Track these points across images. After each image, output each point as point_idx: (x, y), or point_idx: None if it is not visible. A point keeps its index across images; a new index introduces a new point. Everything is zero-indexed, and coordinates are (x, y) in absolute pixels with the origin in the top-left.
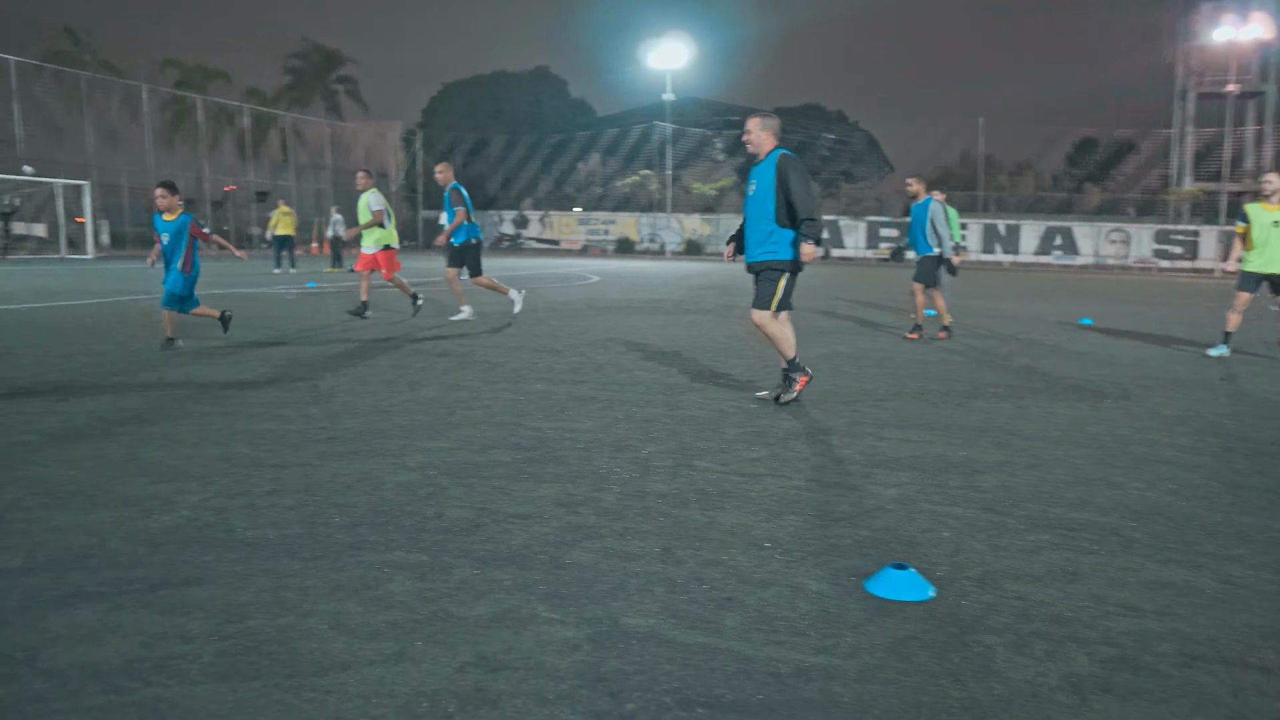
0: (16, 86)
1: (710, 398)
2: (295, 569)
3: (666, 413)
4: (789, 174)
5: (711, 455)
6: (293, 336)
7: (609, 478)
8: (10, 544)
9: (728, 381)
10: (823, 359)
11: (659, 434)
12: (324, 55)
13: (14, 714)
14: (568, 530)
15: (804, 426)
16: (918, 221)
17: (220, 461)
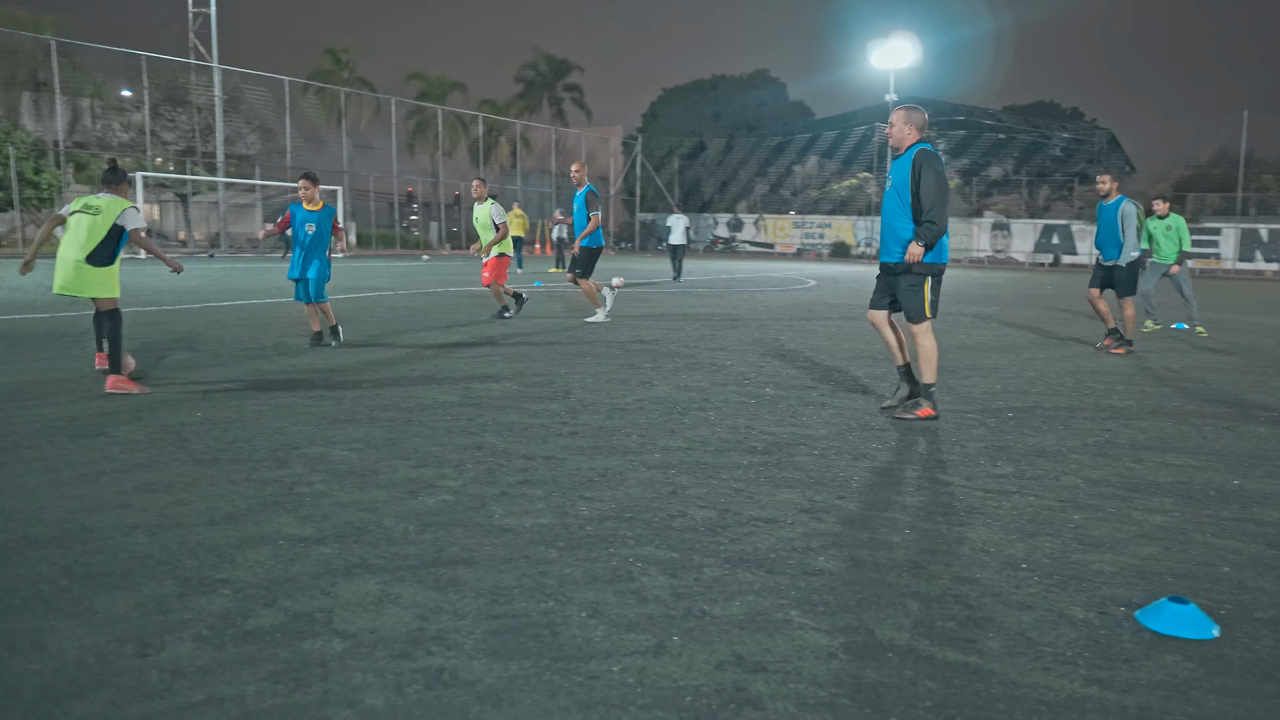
0: (289, 103)
1: (944, 409)
2: (552, 557)
3: (899, 423)
4: (923, 170)
5: (954, 468)
6: (526, 333)
7: (849, 485)
8: (303, 514)
9: (962, 392)
10: (1067, 374)
11: (895, 444)
12: (553, 65)
13: (318, 668)
14: (813, 537)
15: (1051, 443)
16: (1107, 224)
17: (473, 450)
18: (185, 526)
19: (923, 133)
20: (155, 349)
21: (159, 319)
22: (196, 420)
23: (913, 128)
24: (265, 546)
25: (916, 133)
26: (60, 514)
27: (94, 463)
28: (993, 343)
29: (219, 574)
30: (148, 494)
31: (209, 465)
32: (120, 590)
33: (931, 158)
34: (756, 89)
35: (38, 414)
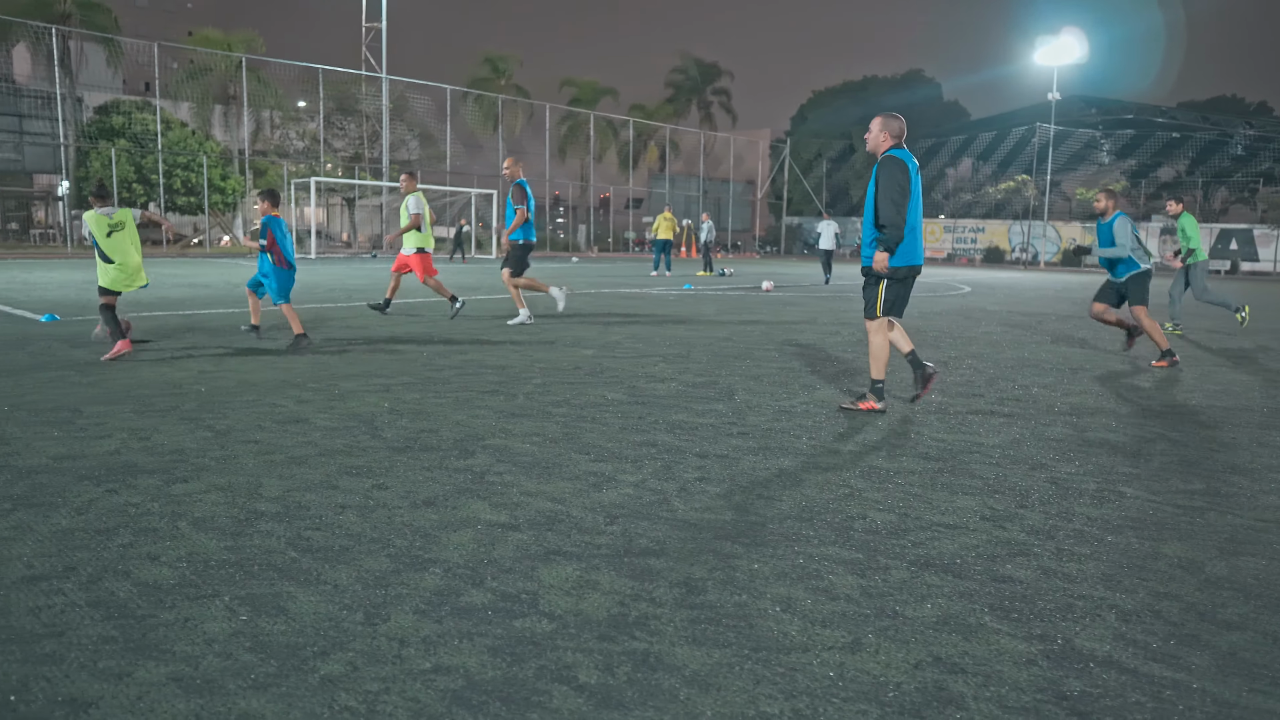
0: (449, 110)
1: (1120, 421)
2: (739, 552)
3: (1075, 434)
4: (880, 175)
5: (1138, 482)
6: (683, 337)
7: (1029, 495)
8: (496, 502)
9: (1139, 405)
10: (1255, 387)
11: (1072, 454)
12: (702, 69)
13: (530, 645)
14: (997, 544)
15: (1245, 460)
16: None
17: (647, 447)
18: (390, 508)
19: (897, 140)
20: (336, 343)
21: (336, 315)
22: (384, 411)
23: (887, 134)
24: (466, 530)
25: (891, 140)
26: (279, 492)
27: (299, 447)
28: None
29: (427, 554)
30: (352, 477)
31: (402, 453)
32: (341, 564)
33: (892, 163)
34: (909, 89)
35: (245, 400)
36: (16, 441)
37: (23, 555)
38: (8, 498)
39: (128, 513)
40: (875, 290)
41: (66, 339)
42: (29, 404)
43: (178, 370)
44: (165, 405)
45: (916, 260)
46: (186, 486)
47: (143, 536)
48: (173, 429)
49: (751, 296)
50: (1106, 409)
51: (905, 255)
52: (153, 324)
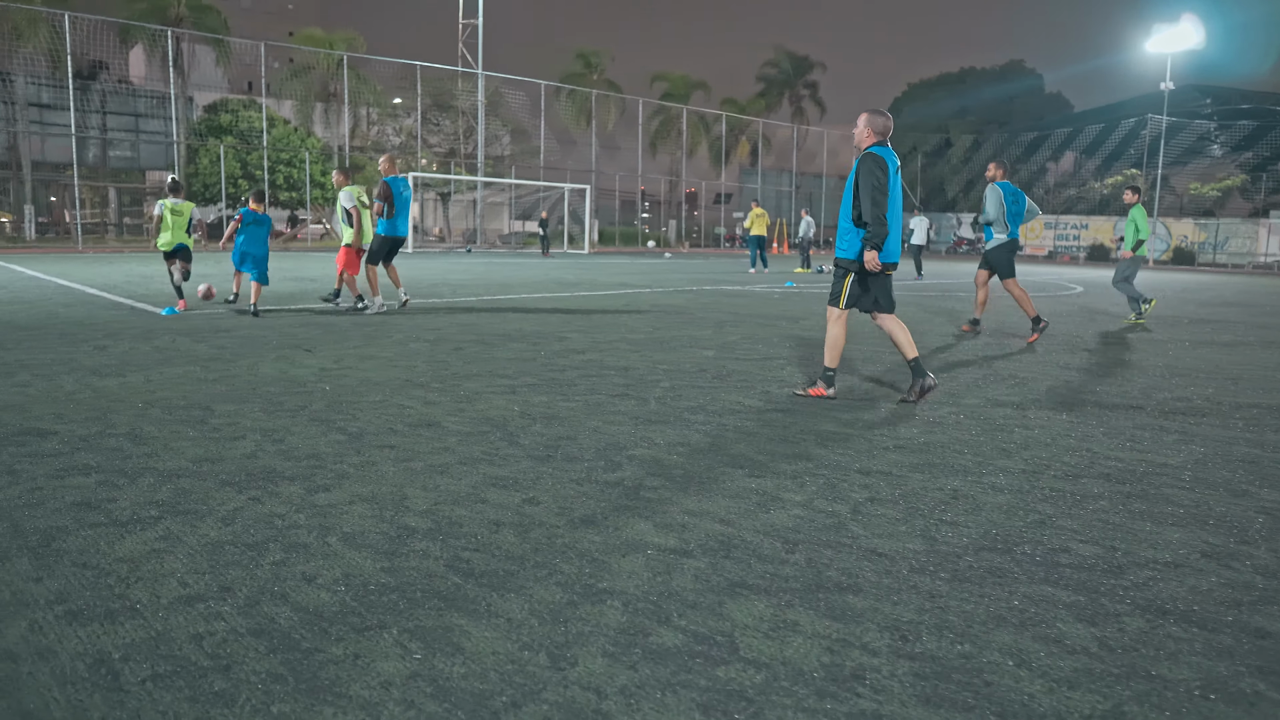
0: (543, 105)
1: None
2: (941, 589)
3: (1263, 454)
4: (859, 173)
5: None
6: (799, 334)
7: (1247, 529)
8: (659, 522)
9: None
10: None
11: (1271, 479)
12: (795, 62)
13: (743, 701)
14: (1235, 588)
15: None
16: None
17: (801, 460)
18: (547, 526)
19: (881, 137)
20: (450, 341)
21: (443, 309)
22: (516, 415)
23: (871, 131)
24: (635, 555)
25: (874, 136)
26: (426, 505)
27: (437, 454)
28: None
29: (601, 583)
30: (499, 489)
31: (545, 463)
32: (509, 592)
33: (871, 160)
34: (1008, 81)
35: (372, 401)
36: (155, 441)
37: (176, 571)
38: (154, 503)
39: (275, 525)
40: (842, 282)
41: (188, 333)
42: (162, 401)
43: (297, 367)
44: (293, 405)
45: (893, 258)
46: (329, 496)
47: (294, 553)
48: (305, 430)
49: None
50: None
51: (883, 252)
52: (267, 320)
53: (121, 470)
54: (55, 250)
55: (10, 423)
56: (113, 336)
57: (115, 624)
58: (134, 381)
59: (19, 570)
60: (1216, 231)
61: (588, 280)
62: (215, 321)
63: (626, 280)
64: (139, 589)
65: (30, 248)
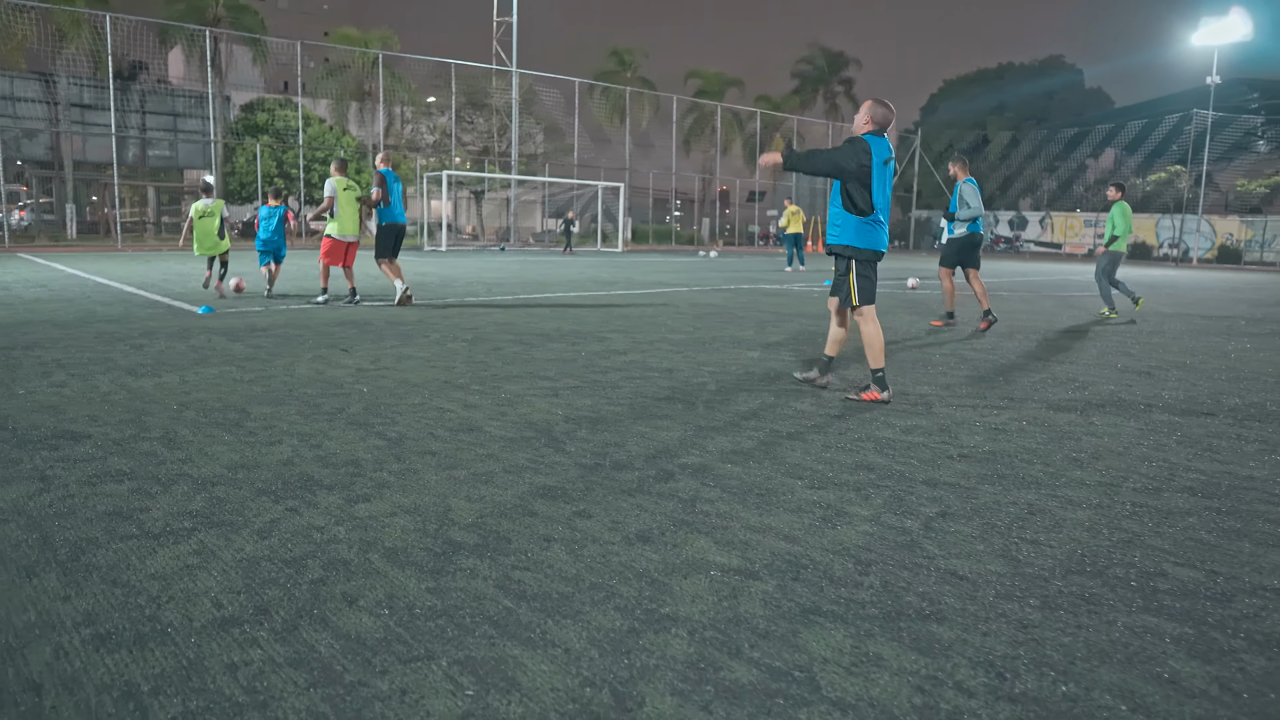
0: (577, 103)
1: None
2: (1032, 618)
3: None
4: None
5: None
6: None
7: None
8: (720, 539)
9: None
10: None
11: None
12: (829, 59)
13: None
14: None
15: None
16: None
17: (863, 470)
18: (601, 543)
19: (879, 128)
20: (489, 341)
21: (480, 308)
22: (560, 419)
23: (870, 119)
24: (697, 577)
25: (871, 125)
26: (472, 518)
27: (481, 461)
28: None
29: (663, 607)
30: (548, 500)
31: (594, 472)
32: (565, 618)
33: (856, 141)
34: (1047, 77)
35: (411, 404)
36: (190, 446)
37: (210, 589)
38: (188, 514)
39: (313, 538)
40: (847, 281)
41: (224, 332)
42: (196, 403)
43: (333, 368)
44: (330, 408)
45: (881, 246)
46: (370, 507)
47: (334, 570)
48: (343, 435)
49: (899, 294)
50: None
51: (871, 240)
52: (296, 316)
53: (155, 477)
54: (95, 249)
55: (45, 425)
56: (149, 335)
57: (145, 650)
58: (169, 382)
59: (47, 587)
60: (1264, 229)
61: (624, 279)
62: (250, 320)
63: (663, 279)
64: (171, 610)
65: (71, 246)
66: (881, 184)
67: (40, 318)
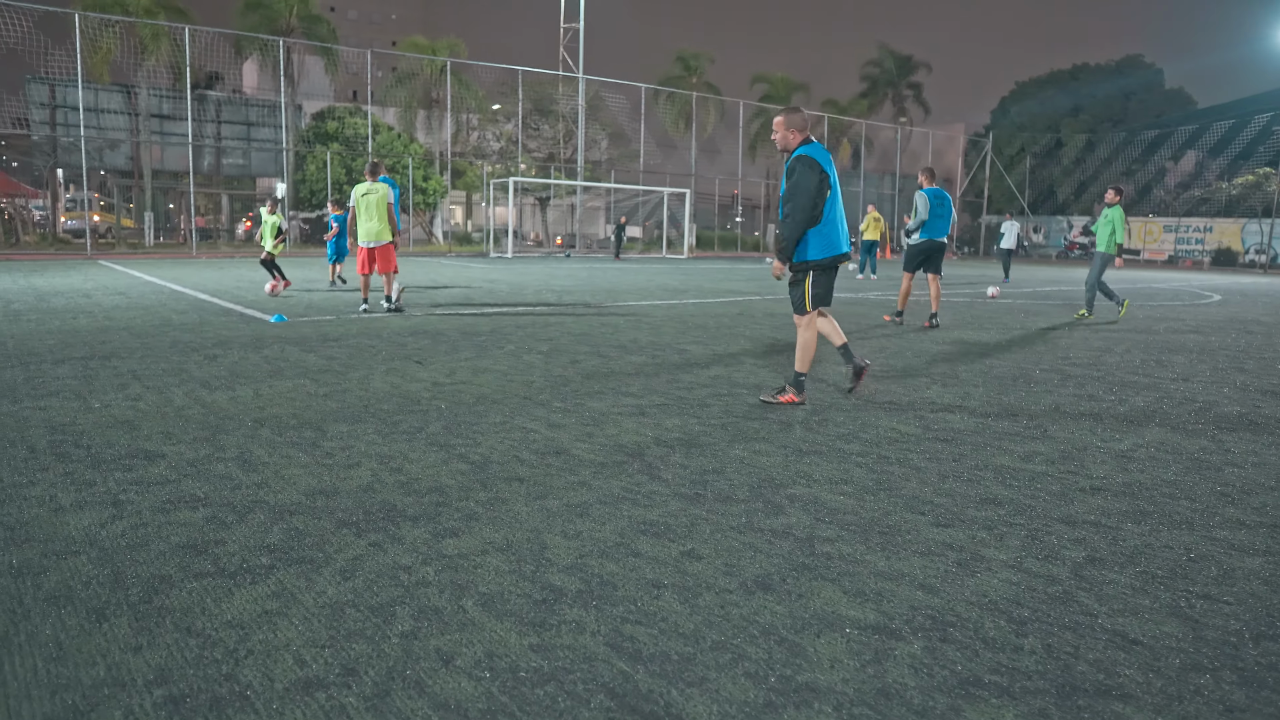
0: (643, 109)
1: None
2: (1235, 699)
3: None
4: (794, 178)
5: None
6: (934, 351)
7: None
8: (849, 588)
9: None
10: None
11: None
12: (897, 61)
13: None
14: None
15: None
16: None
17: (990, 505)
18: (715, 591)
19: (805, 132)
20: (566, 353)
21: (551, 316)
22: (650, 441)
23: (794, 131)
24: (833, 636)
25: (800, 134)
26: (571, 558)
27: (573, 490)
28: None
29: (800, 675)
30: (650, 538)
31: (695, 503)
32: (690, 686)
33: (801, 161)
34: (1125, 77)
35: (492, 423)
36: (265, 468)
37: (292, 642)
38: (265, 548)
39: (401, 580)
40: (803, 287)
41: (297, 342)
42: (272, 419)
43: (409, 381)
44: (409, 426)
45: (840, 250)
46: (459, 543)
47: (426, 620)
48: (424, 458)
49: (979, 303)
50: None
51: (829, 246)
52: (368, 325)
53: (230, 504)
54: (171, 255)
55: (120, 442)
56: (223, 345)
57: (223, 719)
58: (243, 396)
59: (118, 636)
60: None
61: (694, 286)
62: (323, 329)
63: (733, 286)
64: (250, 667)
65: (149, 253)
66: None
67: (119, 325)
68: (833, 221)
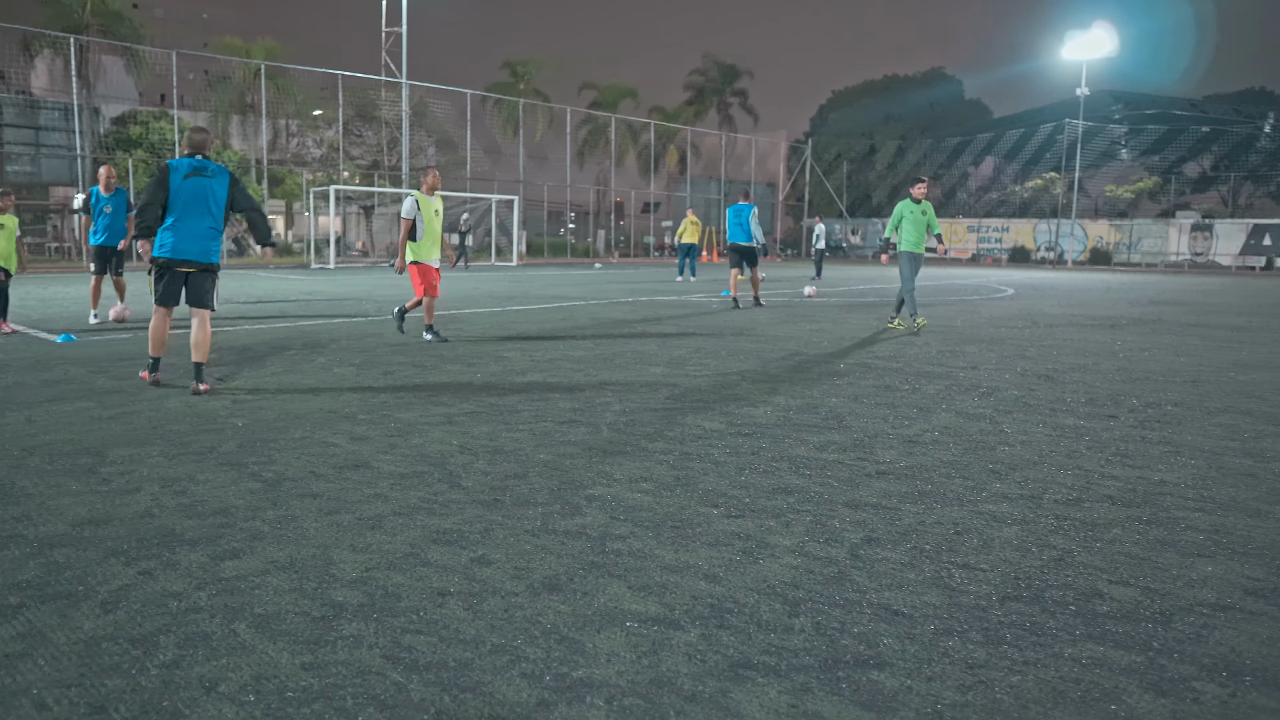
0: (469, 115)
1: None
2: (978, 656)
3: (1257, 465)
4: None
5: None
6: (749, 348)
7: (1278, 554)
8: (635, 583)
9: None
10: None
11: (1275, 496)
12: (722, 70)
13: None
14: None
15: None
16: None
17: (781, 494)
18: (504, 595)
19: (192, 150)
20: (380, 365)
21: (372, 329)
22: (456, 450)
23: (186, 144)
24: (613, 631)
25: (185, 148)
26: (356, 572)
27: (369, 503)
28: None
29: (576, 671)
30: (442, 546)
31: (493, 509)
32: (465, 692)
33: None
34: (930, 88)
35: (292, 438)
36: (29, 500)
37: (32, 685)
38: (16, 586)
39: (169, 608)
40: (160, 281)
41: (85, 362)
42: (44, 447)
43: (209, 400)
44: (201, 446)
45: (184, 256)
46: (239, 564)
47: (192, 647)
48: (213, 478)
49: (797, 302)
50: (1265, 431)
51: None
52: (173, 341)
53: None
54: None
55: None
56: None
57: None
58: (13, 423)
59: None
60: (1131, 232)
61: (521, 294)
62: (117, 348)
63: (561, 293)
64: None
65: None
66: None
67: None
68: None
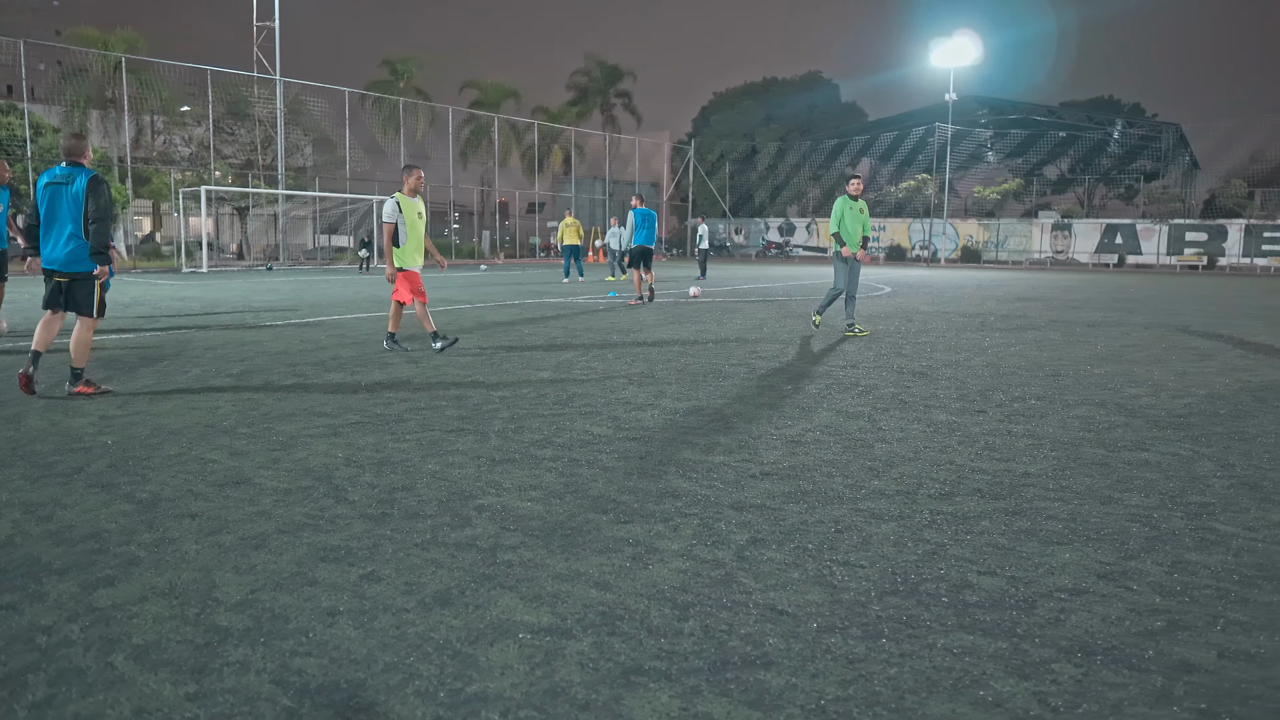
0: (348, 114)
1: (1136, 432)
2: (857, 651)
3: (1108, 454)
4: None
5: (1223, 514)
6: (636, 352)
7: (1126, 541)
8: (526, 594)
9: (1144, 414)
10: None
11: (1127, 484)
12: (606, 71)
13: None
14: (1145, 614)
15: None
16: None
17: (669, 498)
18: (395, 612)
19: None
20: (259, 374)
21: (252, 338)
22: (340, 463)
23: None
24: (506, 643)
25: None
26: (242, 595)
27: (251, 521)
28: (1168, 354)
29: (470, 686)
30: (330, 564)
31: (381, 523)
32: (358, 713)
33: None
34: (809, 91)
35: (167, 455)
36: None
37: None
38: None
39: (38, 644)
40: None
41: None
42: None
43: (73, 416)
44: (66, 467)
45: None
46: (114, 593)
47: (65, 684)
48: (81, 501)
49: (683, 303)
50: (1116, 421)
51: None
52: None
53: None
54: None
55: None
56: None
57: None
58: None
59: None
60: (998, 231)
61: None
62: None
63: (446, 295)
64: None
65: None
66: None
67: None
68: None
